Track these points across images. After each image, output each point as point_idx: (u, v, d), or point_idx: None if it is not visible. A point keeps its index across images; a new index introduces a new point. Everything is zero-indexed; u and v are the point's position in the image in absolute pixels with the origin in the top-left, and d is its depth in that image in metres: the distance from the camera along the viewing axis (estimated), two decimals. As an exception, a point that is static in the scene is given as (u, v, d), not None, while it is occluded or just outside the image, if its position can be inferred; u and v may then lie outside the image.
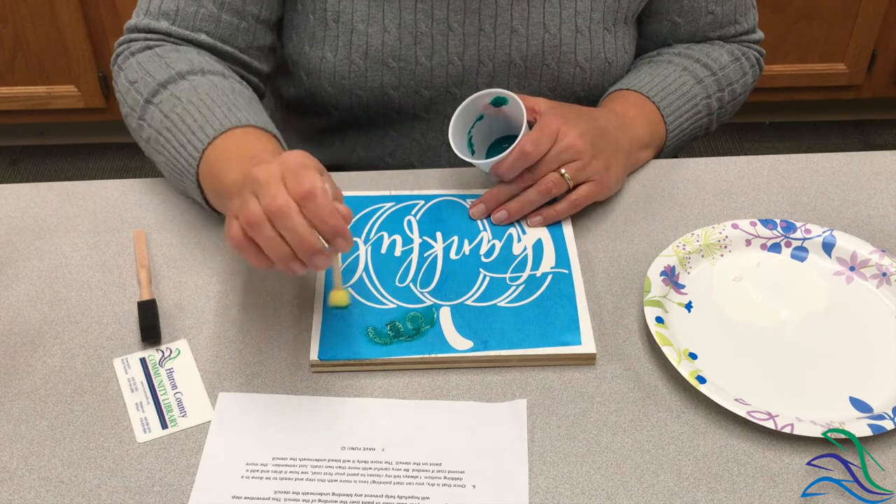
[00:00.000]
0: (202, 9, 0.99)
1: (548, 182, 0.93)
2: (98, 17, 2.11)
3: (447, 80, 1.06)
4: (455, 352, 0.82)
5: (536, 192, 0.93)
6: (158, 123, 0.93)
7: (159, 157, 0.94)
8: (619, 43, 1.07)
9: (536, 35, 1.03)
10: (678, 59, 1.09)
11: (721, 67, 1.09)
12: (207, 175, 0.88)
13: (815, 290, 0.90)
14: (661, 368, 0.83)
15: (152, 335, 0.84)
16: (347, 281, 0.89)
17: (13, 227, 0.97)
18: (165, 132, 0.92)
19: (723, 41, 1.13)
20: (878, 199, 1.01)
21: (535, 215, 0.95)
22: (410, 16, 1.01)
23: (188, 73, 0.95)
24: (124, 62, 1.00)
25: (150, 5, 1.01)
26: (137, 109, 0.95)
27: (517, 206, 0.94)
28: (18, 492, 0.73)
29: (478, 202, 0.96)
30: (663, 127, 1.04)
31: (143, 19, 1.01)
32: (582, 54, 1.05)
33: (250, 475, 0.74)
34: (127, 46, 1.01)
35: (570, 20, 1.03)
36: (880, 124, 2.52)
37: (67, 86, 2.21)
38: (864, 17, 2.20)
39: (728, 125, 2.48)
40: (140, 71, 0.97)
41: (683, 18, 1.10)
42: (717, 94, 1.09)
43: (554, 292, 0.88)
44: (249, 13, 1.01)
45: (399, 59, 1.03)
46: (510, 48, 1.04)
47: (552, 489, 0.73)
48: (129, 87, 0.97)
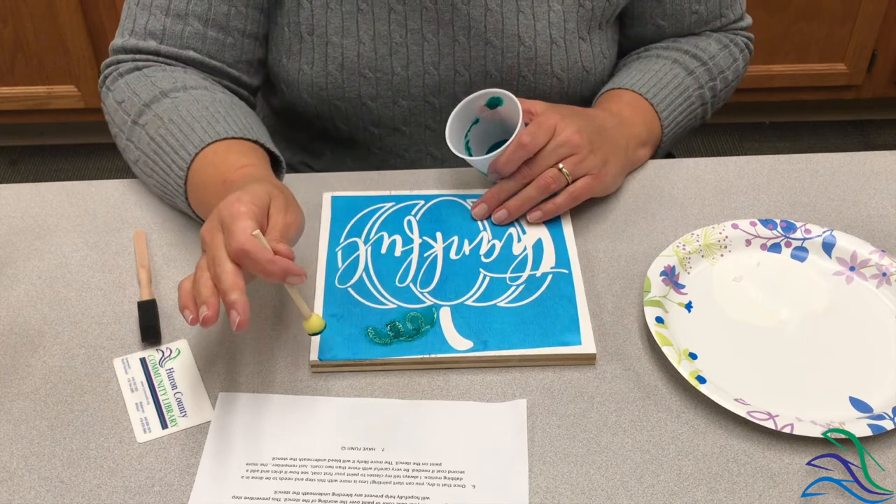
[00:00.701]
0: (188, 27, 0.99)
1: (546, 178, 0.93)
2: (98, 17, 2.11)
3: (424, 90, 1.06)
4: (455, 352, 0.82)
5: (535, 188, 0.93)
6: (145, 146, 0.93)
7: (149, 180, 0.95)
8: (596, 50, 1.07)
9: (511, 48, 1.03)
10: (667, 53, 1.09)
11: (711, 57, 1.10)
12: (194, 201, 0.90)
13: (815, 290, 0.90)
14: (661, 368, 0.83)
15: (152, 335, 0.84)
16: (348, 281, 0.89)
17: (13, 227, 0.97)
18: (153, 154, 0.92)
19: (709, 32, 1.13)
20: (878, 199, 1.01)
21: (535, 210, 0.95)
22: (384, 27, 1.01)
23: (171, 90, 0.95)
24: (113, 83, 0.99)
25: (135, 25, 1.00)
26: (125, 130, 0.96)
27: (517, 204, 0.94)
28: (18, 492, 0.73)
29: (479, 202, 0.96)
30: (658, 123, 1.04)
31: (129, 40, 1.00)
32: (558, 65, 1.05)
33: (250, 475, 0.74)
34: (115, 68, 1.00)
35: (544, 31, 1.03)
36: (880, 124, 2.52)
37: (67, 86, 2.21)
38: (864, 17, 2.20)
39: (728, 125, 2.48)
40: (127, 91, 0.97)
41: (667, 21, 1.10)
42: (709, 83, 1.09)
43: (554, 292, 0.88)
44: (235, 28, 1.01)
45: (375, 70, 1.03)
46: (485, 60, 1.03)
47: (552, 489, 0.73)
48: (117, 107, 0.97)
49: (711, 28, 1.13)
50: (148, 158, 0.93)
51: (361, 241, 0.93)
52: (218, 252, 0.73)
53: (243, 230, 0.72)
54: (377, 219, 0.96)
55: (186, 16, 0.99)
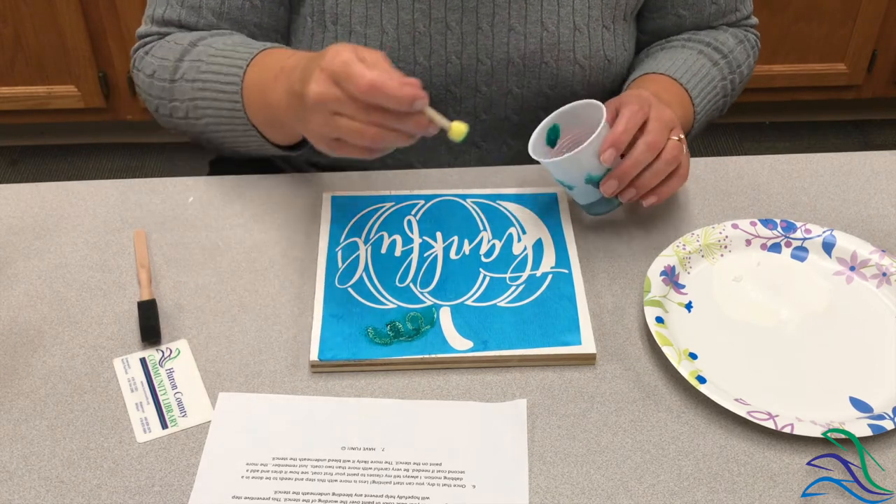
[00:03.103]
0: (202, 20, 1.01)
1: (674, 149, 0.89)
2: (98, 17, 2.11)
3: (446, 80, 1.06)
4: (455, 352, 0.82)
5: (664, 161, 0.89)
6: (189, 92, 0.96)
7: (203, 122, 0.98)
8: (619, 41, 1.07)
9: (535, 33, 1.03)
10: (691, 44, 1.10)
11: (730, 51, 1.11)
12: (254, 108, 0.92)
13: (815, 290, 0.90)
14: (661, 368, 0.83)
15: (152, 335, 0.84)
16: (348, 281, 0.89)
17: (13, 227, 0.97)
18: (199, 93, 0.95)
19: (725, 27, 1.14)
20: (878, 199, 1.01)
21: (651, 195, 0.91)
22: (408, 16, 1.02)
23: (198, 40, 0.98)
24: (140, 62, 1.03)
25: (154, 13, 1.03)
26: (166, 95, 0.99)
27: (647, 181, 0.89)
28: (18, 492, 0.73)
29: (609, 178, 0.89)
30: (692, 109, 1.04)
31: (151, 27, 1.04)
32: (581, 52, 1.05)
33: (250, 475, 0.74)
34: (143, 50, 1.04)
35: (567, 18, 1.03)
36: (880, 124, 2.52)
37: (67, 86, 2.21)
38: (864, 17, 2.20)
39: (728, 125, 2.48)
40: (156, 61, 1.00)
41: (688, 11, 1.11)
42: (729, 76, 1.11)
43: (554, 292, 0.88)
44: (250, 21, 1.03)
45: (398, 60, 1.03)
46: (508, 46, 1.04)
47: (552, 489, 0.73)
48: (150, 80, 1.01)
49: (727, 22, 1.14)
50: (196, 102, 0.96)
51: (361, 240, 0.93)
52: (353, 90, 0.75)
53: (361, 70, 0.75)
54: (377, 219, 0.96)
55: (200, 8, 1.01)
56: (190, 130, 1.02)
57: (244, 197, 1.00)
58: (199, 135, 1.02)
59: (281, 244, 0.94)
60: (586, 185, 0.91)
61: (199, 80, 0.96)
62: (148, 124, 2.33)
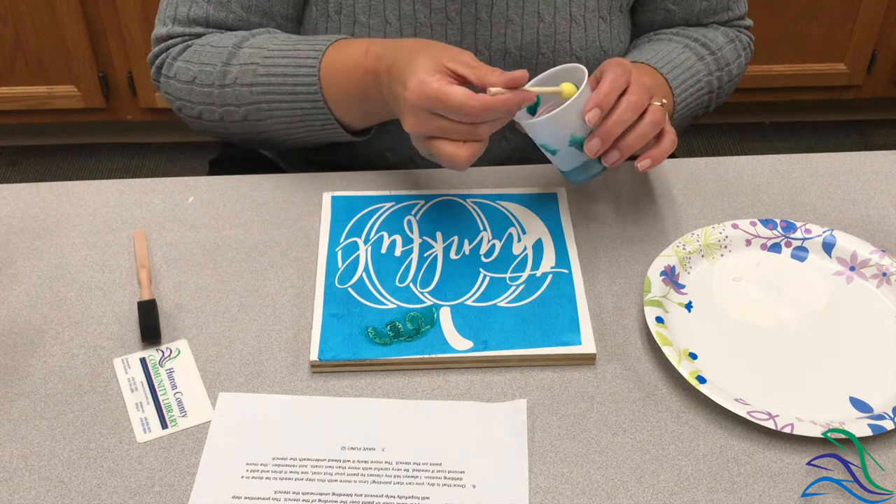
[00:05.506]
0: (231, 14, 1.01)
1: (657, 112, 0.88)
2: (98, 17, 2.11)
3: None
4: (455, 352, 0.82)
5: (650, 123, 0.88)
6: (248, 96, 0.97)
7: (268, 122, 0.98)
8: (615, 32, 1.07)
9: (531, 24, 1.03)
10: (678, 38, 1.10)
11: (719, 48, 1.11)
12: (335, 98, 0.95)
13: (815, 290, 0.90)
14: (661, 368, 0.83)
15: (152, 335, 0.84)
16: (348, 281, 0.89)
17: (13, 227, 0.97)
18: (262, 96, 0.96)
19: (716, 25, 1.14)
20: (878, 199, 1.01)
21: (644, 158, 0.90)
22: (409, 7, 1.02)
23: (241, 42, 0.98)
24: (169, 69, 1.01)
25: (177, 13, 1.02)
26: (215, 100, 0.98)
27: (631, 143, 0.88)
28: (18, 492, 0.73)
29: (592, 137, 0.87)
30: (672, 98, 1.04)
31: (174, 27, 1.02)
32: (577, 43, 1.05)
33: (250, 475, 0.74)
34: (167, 54, 1.02)
35: (564, 8, 1.03)
36: (880, 124, 2.52)
37: (67, 86, 2.21)
38: (864, 17, 2.20)
39: (728, 125, 2.48)
40: (194, 67, 0.99)
41: (678, 6, 1.11)
42: (716, 72, 1.10)
43: (554, 292, 0.88)
44: (278, 13, 1.03)
45: None
46: (505, 37, 1.04)
47: (552, 489, 0.73)
48: (189, 87, 0.99)
49: (718, 21, 1.14)
50: (260, 104, 0.97)
51: (361, 240, 0.93)
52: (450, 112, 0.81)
53: (462, 93, 0.80)
54: (377, 219, 0.96)
55: (229, 2, 1.01)
56: (239, 132, 1.02)
57: (244, 197, 1.00)
58: (255, 135, 1.02)
59: (281, 244, 0.94)
60: (570, 147, 0.89)
61: (258, 83, 0.96)
62: (148, 124, 2.33)
